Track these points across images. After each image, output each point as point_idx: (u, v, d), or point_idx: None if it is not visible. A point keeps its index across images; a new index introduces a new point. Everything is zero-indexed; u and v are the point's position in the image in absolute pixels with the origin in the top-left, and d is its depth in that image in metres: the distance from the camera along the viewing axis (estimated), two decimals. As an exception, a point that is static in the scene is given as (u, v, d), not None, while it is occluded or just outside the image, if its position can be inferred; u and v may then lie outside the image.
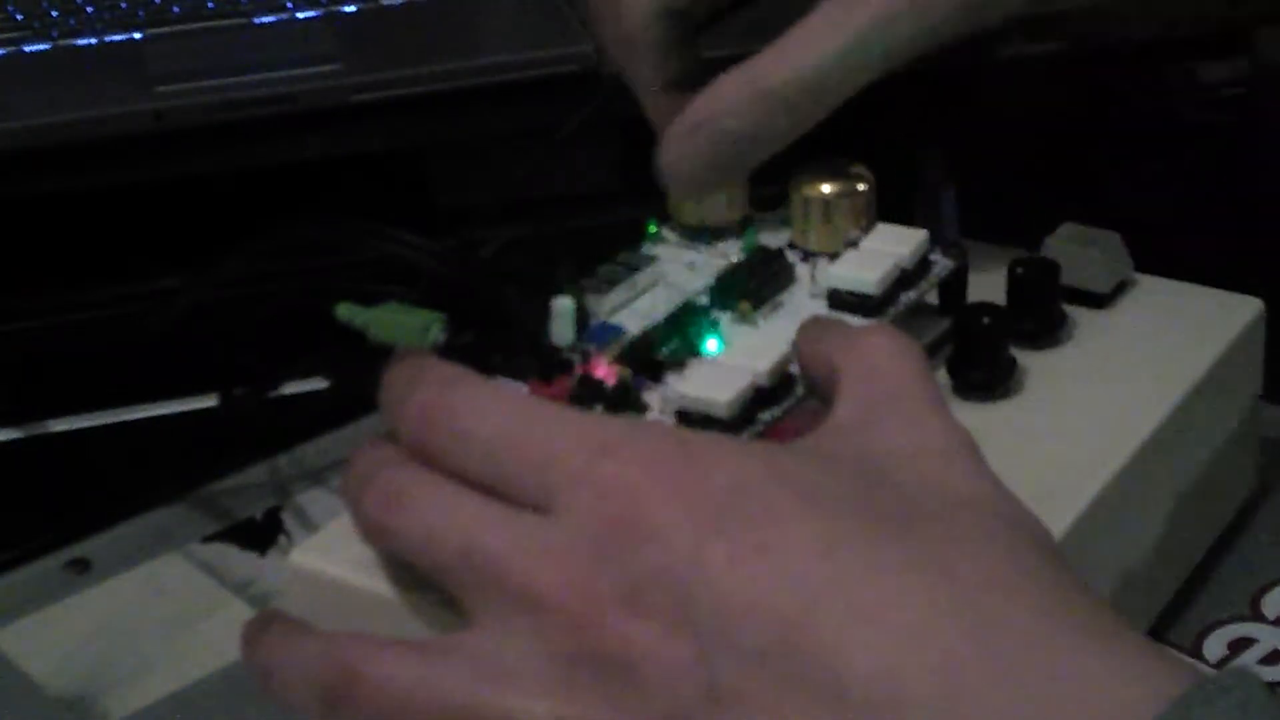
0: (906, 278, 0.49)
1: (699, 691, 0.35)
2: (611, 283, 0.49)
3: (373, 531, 0.41)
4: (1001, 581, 0.36)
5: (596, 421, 0.40)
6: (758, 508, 0.37)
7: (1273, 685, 0.36)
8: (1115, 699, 0.33)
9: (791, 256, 0.51)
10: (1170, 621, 0.50)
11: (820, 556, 0.36)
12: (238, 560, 0.55)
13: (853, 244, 0.50)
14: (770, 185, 0.52)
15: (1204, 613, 0.51)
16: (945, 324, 0.50)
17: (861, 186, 0.51)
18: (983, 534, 0.37)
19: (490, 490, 0.39)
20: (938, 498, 0.38)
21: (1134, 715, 0.33)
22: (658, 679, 0.36)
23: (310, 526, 0.56)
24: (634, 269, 0.50)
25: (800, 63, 0.48)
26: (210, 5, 0.73)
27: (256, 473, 0.59)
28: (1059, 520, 0.44)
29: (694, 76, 0.51)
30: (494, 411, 0.40)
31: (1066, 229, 0.53)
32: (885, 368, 0.41)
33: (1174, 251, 0.53)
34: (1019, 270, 0.51)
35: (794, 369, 0.45)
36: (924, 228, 0.50)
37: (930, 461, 0.39)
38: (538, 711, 0.37)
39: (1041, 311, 0.51)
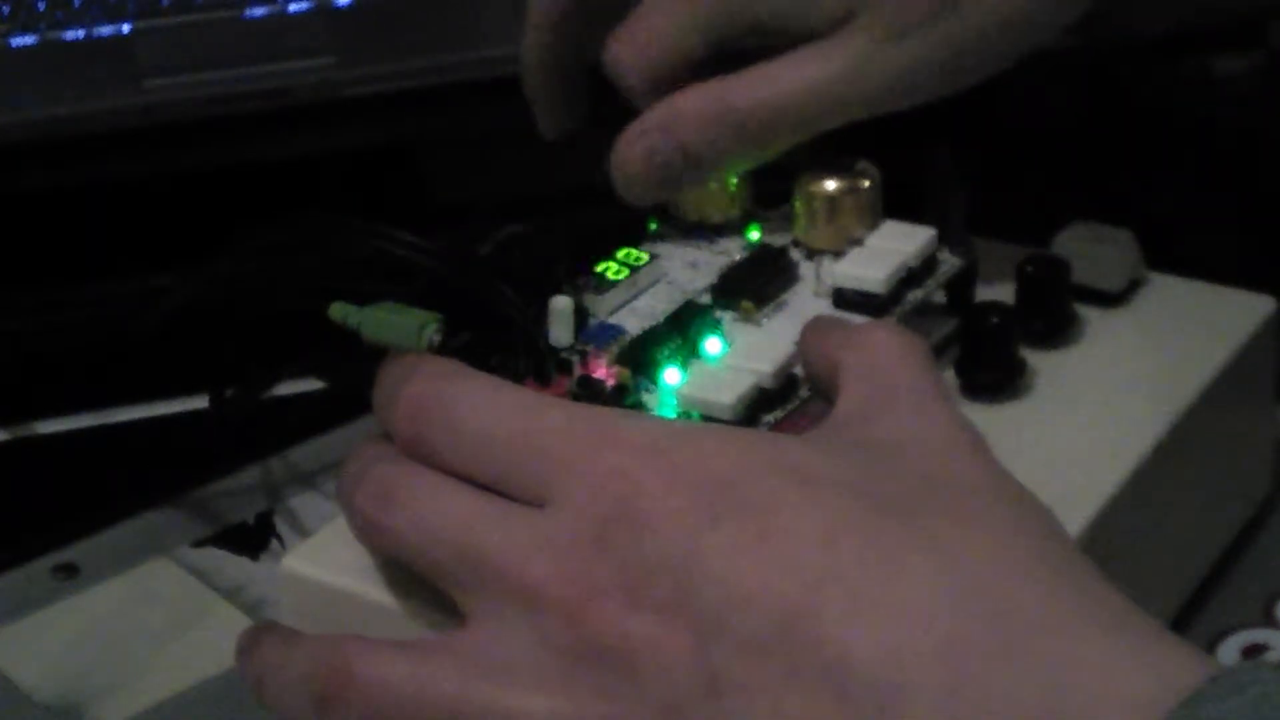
0: (913, 276, 0.49)
1: (699, 682, 0.35)
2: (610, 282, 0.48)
3: (366, 530, 0.41)
4: (1009, 565, 0.35)
5: (591, 412, 0.40)
6: (756, 496, 0.36)
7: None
8: (1127, 688, 0.33)
9: (795, 255, 0.51)
10: (1182, 628, 0.50)
11: (820, 544, 0.35)
12: (229, 565, 0.55)
13: (858, 242, 0.50)
14: (774, 182, 0.52)
15: (1217, 619, 0.50)
16: (953, 323, 0.50)
17: (867, 183, 0.51)
18: (989, 519, 0.37)
19: (485, 485, 0.39)
20: (942, 484, 0.37)
21: (1146, 706, 0.32)
22: (656, 671, 0.35)
23: (303, 531, 0.56)
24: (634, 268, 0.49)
25: (773, 90, 0.48)
26: (200, -3, 0.73)
27: (248, 476, 0.58)
28: (1069, 525, 0.43)
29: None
30: (487, 404, 0.40)
31: (1077, 226, 0.53)
32: (889, 363, 0.41)
33: (1187, 249, 0.53)
34: (1029, 269, 0.51)
35: (798, 370, 0.45)
36: (931, 225, 0.50)
37: (934, 450, 0.39)
38: (535, 707, 0.36)
39: (1051, 311, 0.50)
